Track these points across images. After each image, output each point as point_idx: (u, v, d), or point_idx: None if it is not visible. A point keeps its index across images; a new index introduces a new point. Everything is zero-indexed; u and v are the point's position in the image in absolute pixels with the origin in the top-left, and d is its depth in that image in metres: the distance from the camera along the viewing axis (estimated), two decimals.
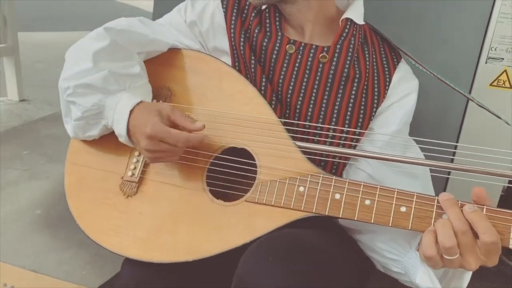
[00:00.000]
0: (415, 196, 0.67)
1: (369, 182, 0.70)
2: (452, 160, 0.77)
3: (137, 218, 0.82)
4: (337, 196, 0.70)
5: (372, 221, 0.68)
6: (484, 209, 0.63)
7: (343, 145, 0.85)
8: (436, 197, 0.66)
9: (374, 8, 1.07)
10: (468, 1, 1.04)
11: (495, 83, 1.05)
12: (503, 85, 1.05)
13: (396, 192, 0.68)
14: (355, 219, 0.69)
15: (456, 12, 1.06)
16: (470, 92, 1.08)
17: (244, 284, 0.60)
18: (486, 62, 1.05)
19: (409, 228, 0.66)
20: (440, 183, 1.13)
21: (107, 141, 0.87)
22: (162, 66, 0.90)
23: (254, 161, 0.78)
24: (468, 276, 0.70)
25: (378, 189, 0.69)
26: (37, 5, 6.13)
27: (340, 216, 0.70)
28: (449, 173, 1.04)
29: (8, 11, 2.23)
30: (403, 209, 0.67)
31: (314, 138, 0.85)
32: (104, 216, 0.84)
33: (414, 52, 1.08)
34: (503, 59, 1.04)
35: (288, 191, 0.73)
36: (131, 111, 0.77)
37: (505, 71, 1.04)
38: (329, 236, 0.77)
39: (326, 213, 0.70)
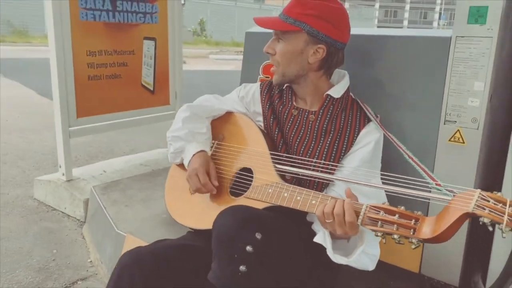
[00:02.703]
0: (320, 195, 1.14)
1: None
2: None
3: (194, 205, 1.45)
4: (285, 194, 1.21)
5: (298, 208, 1.16)
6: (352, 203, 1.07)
7: (321, 172, 1.34)
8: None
9: (363, 86, 1.55)
10: (429, 82, 1.44)
11: (452, 139, 1.39)
12: (458, 141, 1.38)
13: (312, 192, 1.15)
14: (291, 206, 1.18)
15: (423, 89, 1.46)
16: (436, 145, 1.43)
17: (213, 227, 1.15)
18: (444, 124, 1.41)
19: (314, 212, 1.12)
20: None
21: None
22: (221, 122, 1.54)
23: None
24: (358, 250, 1.11)
25: (305, 190, 1.17)
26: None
27: (284, 205, 1.19)
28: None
29: (178, 89, 3.22)
30: (313, 201, 1.14)
31: (302, 166, 1.36)
32: (180, 205, 1.49)
33: (394, 116, 1.51)
34: (456, 121, 1.38)
35: (263, 192, 1.26)
36: (194, 154, 1.43)
37: (458, 130, 1.38)
38: (287, 219, 1.25)
39: (278, 203, 1.21)
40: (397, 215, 1.00)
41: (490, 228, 0.88)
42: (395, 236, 0.98)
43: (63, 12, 2.39)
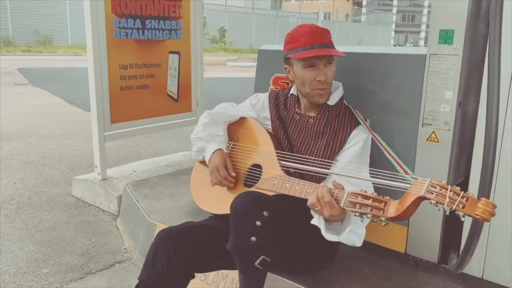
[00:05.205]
0: (314, 185, 1.43)
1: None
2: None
3: (213, 195, 1.75)
4: (287, 185, 1.50)
5: (297, 195, 1.45)
6: (336, 191, 1.35)
7: (319, 167, 1.63)
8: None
9: (355, 95, 1.83)
10: (409, 92, 1.72)
11: (429, 139, 1.67)
12: (434, 140, 1.66)
13: (308, 183, 1.44)
14: (291, 194, 1.47)
15: (405, 98, 1.74)
16: (416, 144, 1.71)
17: (231, 207, 1.45)
18: (422, 126, 1.68)
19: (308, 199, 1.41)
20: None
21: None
22: (236, 126, 1.85)
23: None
24: (346, 230, 1.39)
25: (302, 181, 1.46)
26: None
27: (286, 193, 1.48)
28: None
29: (200, 97, 3.55)
30: (308, 190, 1.43)
31: (303, 162, 1.65)
32: (202, 194, 1.80)
33: (381, 121, 1.80)
34: (431, 124, 1.66)
35: (270, 183, 1.55)
36: (213, 152, 1.74)
37: (433, 131, 1.65)
38: (289, 204, 1.54)
39: (282, 192, 1.50)
40: (371, 200, 1.26)
41: (438, 208, 1.15)
42: (369, 216, 1.26)
43: (101, 31, 2.75)
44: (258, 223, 1.36)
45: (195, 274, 1.58)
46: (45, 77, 10.72)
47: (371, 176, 1.47)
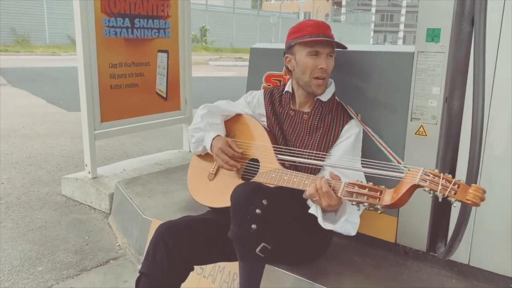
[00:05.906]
0: (311, 176, 1.49)
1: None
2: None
3: (211, 189, 1.79)
4: (285, 177, 1.55)
5: (295, 187, 1.51)
6: (334, 181, 1.41)
7: (314, 160, 1.68)
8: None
9: (347, 91, 1.90)
10: (399, 88, 1.80)
11: (417, 133, 1.75)
12: (422, 134, 1.74)
13: (305, 175, 1.50)
14: (289, 186, 1.53)
15: (394, 93, 1.82)
16: (405, 137, 1.79)
17: (231, 197, 1.49)
18: (411, 120, 1.76)
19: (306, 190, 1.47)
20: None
21: (205, 157, 1.88)
22: (232, 122, 1.90)
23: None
24: (342, 219, 1.46)
25: (300, 174, 1.52)
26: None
27: (284, 185, 1.54)
28: None
29: (188, 96, 3.58)
30: (306, 182, 1.49)
31: (298, 155, 1.71)
32: (199, 188, 1.84)
33: (372, 115, 1.86)
34: (419, 119, 1.74)
35: (268, 176, 1.61)
36: (213, 139, 1.78)
37: (421, 126, 1.73)
38: (284, 194, 1.59)
39: (280, 184, 1.56)
40: (367, 189, 1.33)
41: (431, 195, 1.22)
42: (365, 204, 1.32)
43: (90, 30, 2.76)
44: (258, 211, 1.41)
45: (194, 266, 1.63)
46: (24, 77, 10.54)
47: (365, 167, 1.53)
